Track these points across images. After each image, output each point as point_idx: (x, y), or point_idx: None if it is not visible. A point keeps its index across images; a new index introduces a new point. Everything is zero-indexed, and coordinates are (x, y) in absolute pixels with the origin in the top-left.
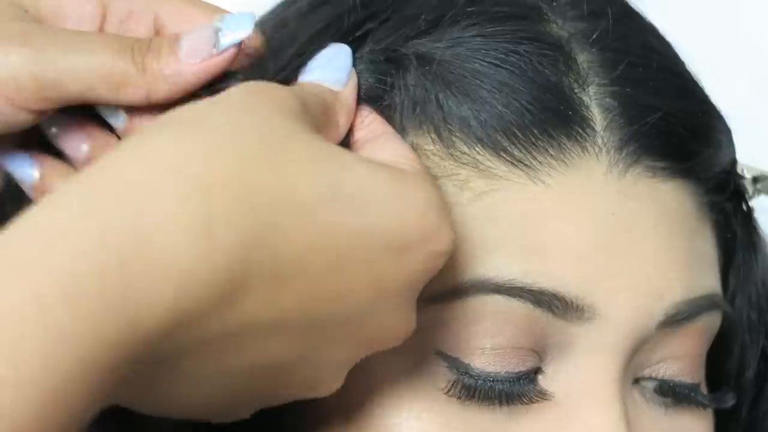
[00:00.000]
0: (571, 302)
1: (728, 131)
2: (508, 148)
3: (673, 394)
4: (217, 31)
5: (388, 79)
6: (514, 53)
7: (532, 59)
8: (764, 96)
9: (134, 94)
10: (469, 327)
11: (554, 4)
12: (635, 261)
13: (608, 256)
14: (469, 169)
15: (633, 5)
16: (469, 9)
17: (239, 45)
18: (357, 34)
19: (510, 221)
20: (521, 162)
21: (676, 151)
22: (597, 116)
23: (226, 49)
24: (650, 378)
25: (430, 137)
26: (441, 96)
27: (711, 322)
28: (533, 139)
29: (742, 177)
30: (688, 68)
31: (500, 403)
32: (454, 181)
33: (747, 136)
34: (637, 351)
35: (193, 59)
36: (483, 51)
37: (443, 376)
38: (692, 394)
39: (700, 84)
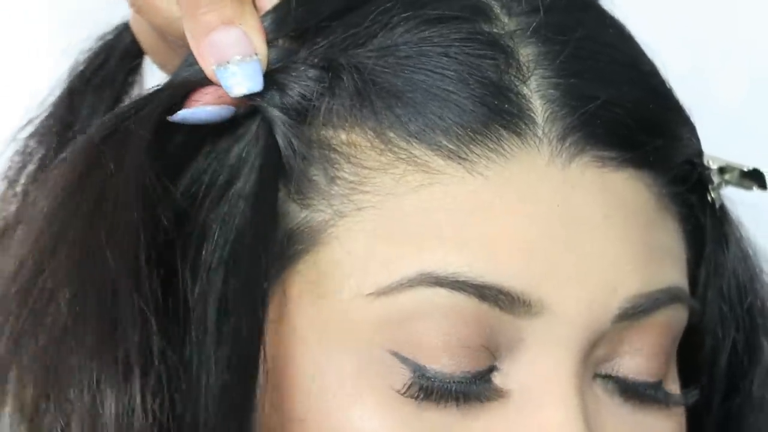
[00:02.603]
0: (518, 297)
1: (690, 124)
2: (445, 142)
3: (634, 391)
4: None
5: (322, 85)
6: (445, 56)
7: (462, 60)
8: (763, 96)
9: None
10: (416, 322)
11: (503, 0)
12: (585, 253)
13: (554, 248)
14: (406, 164)
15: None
16: (405, 14)
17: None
18: (295, 33)
19: (449, 214)
20: (457, 155)
21: (623, 140)
22: (538, 107)
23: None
24: (609, 376)
25: (367, 135)
26: (375, 101)
27: (673, 316)
28: (470, 134)
29: (708, 168)
30: (648, 62)
31: (457, 404)
32: (391, 174)
33: (746, 136)
34: (595, 345)
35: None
36: (414, 58)
37: (399, 375)
38: (652, 392)
39: (660, 77)
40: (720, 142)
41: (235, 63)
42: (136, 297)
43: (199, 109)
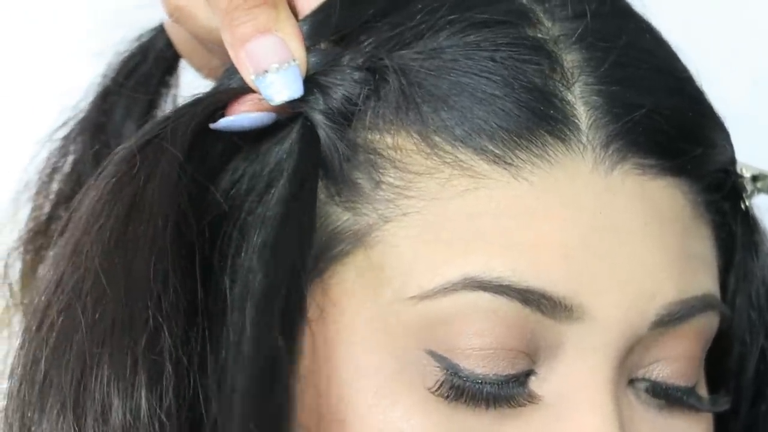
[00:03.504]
0: (560, 301)
1: (724, 131)
2: (490, 147)
3: (666, 396)
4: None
5: (367, 88)
6: (491, 60)
7: (508, 65)
8: (764, 96)
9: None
10: (457, 325)
11: (546, 5)
12: (624, 260)
13: (596, 254)
14: (452, 168)
15: (631, 4)
16: (451, 17)
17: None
18: (338, 36)
19: (494, 219)
20: (503, 160)
21: (663, 148)
22: (582, 114)
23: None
24: (644, 379)
25: (412, 139)
26: (421, 104)
27: (707, 323)
28: (516, 139)
29: (741, 176)
30: (684, 68)
31: (487, 406)
32: (437, 179)
33: (747, 136)
34: (631, 351)
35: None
36: (460, 61)
37: (432, 374)
38: (685, 398)
39: (696, 84)
40: None
41: (273, 71)
42: (150, 305)
43: (240, 117)
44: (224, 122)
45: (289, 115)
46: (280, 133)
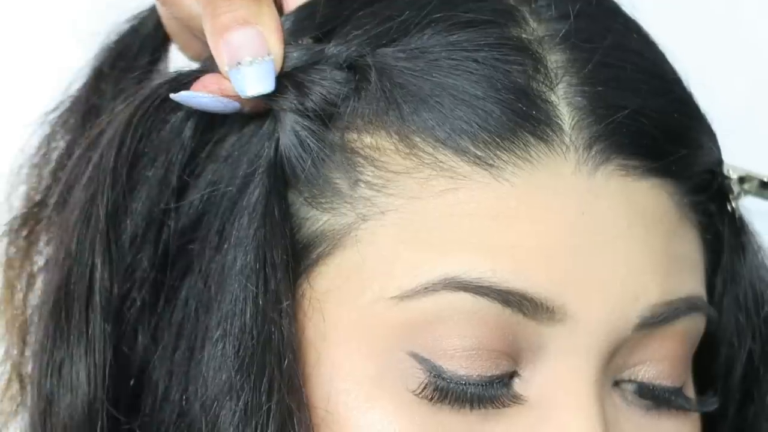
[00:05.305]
0: (541, 303)
1: (711, 132)
2: (471, 148)
3: (652, 397)
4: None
5: (348, 86)
6: (474, 61)
7: (491, 65)
8: (762, 98)
9: None
10: (438, 326)
11: (532, 5)
12: (608, 261)
13: (579, 256)
14: (431, 169)
15: (619, 4)
16: (436, 15)
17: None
18: (323, 30)
19: (475, 220)
20: (484, 161)
21: (648, 149)
22: (565, 115)
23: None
24: (629, 381)
25: (392, 139)
26: (402, 104)
27: (692, 325)
28: (497, 139)
29: (727, 177)
30: (671, 69)
31: (471, 407)
32: (416, 178)
33: (744, 138)
34: (615, 353)
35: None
36: (443, 61)
37: (415, 377)
38: (672, 398)
39: (683, 85)
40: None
41: (246, 64)
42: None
43: (199, 94)
44: (183, 95)
45: (266, 110)
46: (260, 130)
